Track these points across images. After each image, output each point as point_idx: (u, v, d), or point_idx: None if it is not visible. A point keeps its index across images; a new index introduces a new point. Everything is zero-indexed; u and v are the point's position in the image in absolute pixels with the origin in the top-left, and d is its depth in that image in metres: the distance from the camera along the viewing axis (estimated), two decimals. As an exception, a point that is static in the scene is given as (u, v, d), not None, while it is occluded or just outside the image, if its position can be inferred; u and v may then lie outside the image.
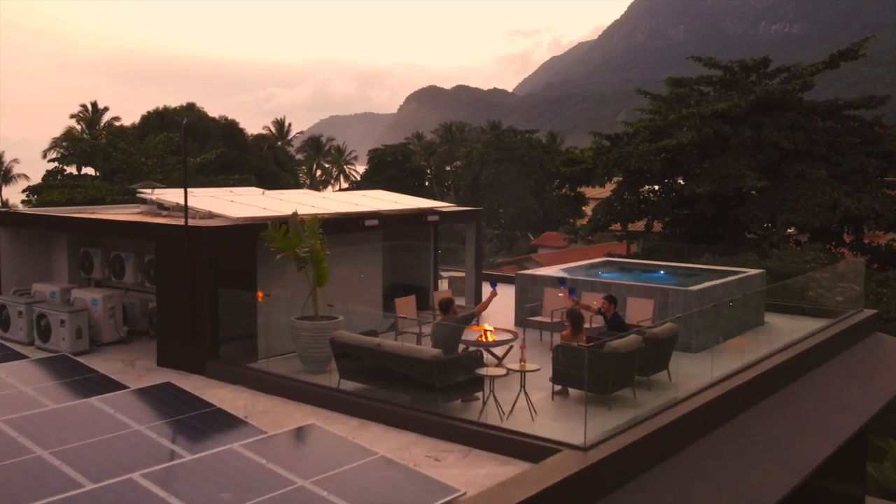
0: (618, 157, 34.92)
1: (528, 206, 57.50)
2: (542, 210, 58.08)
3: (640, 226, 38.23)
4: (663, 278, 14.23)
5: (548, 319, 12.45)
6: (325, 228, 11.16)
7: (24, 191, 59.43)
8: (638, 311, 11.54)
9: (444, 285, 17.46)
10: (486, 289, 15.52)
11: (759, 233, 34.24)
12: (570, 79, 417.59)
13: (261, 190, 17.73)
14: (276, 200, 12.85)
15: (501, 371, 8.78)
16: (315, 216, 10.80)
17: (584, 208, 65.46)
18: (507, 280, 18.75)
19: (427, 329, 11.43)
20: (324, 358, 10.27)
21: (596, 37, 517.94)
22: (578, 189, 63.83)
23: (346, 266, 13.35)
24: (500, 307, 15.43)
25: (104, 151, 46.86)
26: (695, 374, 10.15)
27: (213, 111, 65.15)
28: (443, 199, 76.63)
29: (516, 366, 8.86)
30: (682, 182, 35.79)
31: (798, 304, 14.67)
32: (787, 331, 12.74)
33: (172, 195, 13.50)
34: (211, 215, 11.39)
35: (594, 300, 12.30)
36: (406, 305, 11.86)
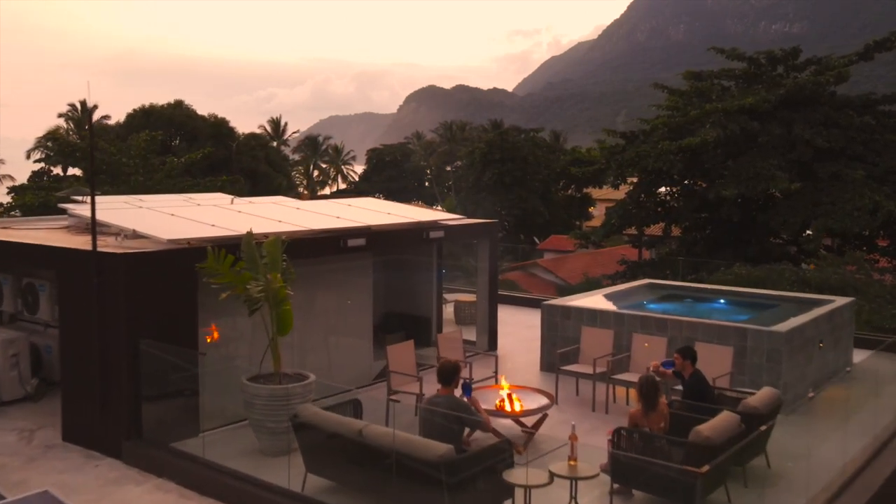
0: (634, 157, 32.09)
1: (533, 208, 54.67)
2: (548, 212, 55.26)
3: (655, 230, 35.40)
4: (729, 310, 11.31)
5: (588, 370, 9.51)
6: (295, 251, 8.28)
7: (8, 192, 56.56)
8: (711, 362, 8.60)
9: (448, 310, 14.56)
10: (507, 319, 12.66)
11: (785, 237, 31.45)
12: (570, 78, 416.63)
13: (230, 197, 14.81)
14: (234, 213, 9.91)
15: (542, 478, 5.85)
16: (278, 237, 7.87)
17: (590, 210, 62.73)
18: (520, 302, 15.91)
19: (430, 385, 8.51)
20: (286, 432, 7.38)
21: (596, 36, 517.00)
22: (584, 190, 61.12)
23: (327, 291, 10.48)
24: (520, 344, 12.54)
25: (83, 151, 44.00)
26: (803, 456, 7.22)
27: (214, 111, 62.06)
28: (443, 200, 73.85)
29: (563, 467, 5.95)
30: (703, 184, 32.98)
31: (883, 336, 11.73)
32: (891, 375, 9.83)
33: (108, 204, 10.59)
34: (136, 235, 8.45)
35: (646, 341, 9.40)
36: (401, 355, 8.90)
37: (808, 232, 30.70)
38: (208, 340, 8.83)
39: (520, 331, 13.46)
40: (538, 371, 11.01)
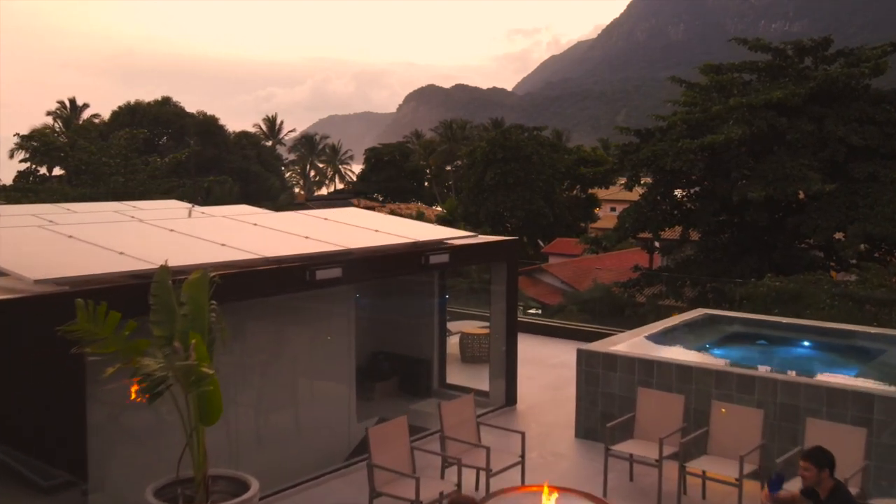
0: (650, 156, 29.61)
1: (538, 210, 52.20)
2: (552, 214, 52.78)
3: (670, 234, 32.94)
4: (820, 357, 8.69)
5: (650, 451, 6.87)
6: (239, 289, 5.69)
7: (-8, 193, 54.08)
8: (834, 453, 5.96)
9: (452, 342, 11.95)
10: (524, 353, 10.07)
11: (811, 242, 29.01)
12: (569, 77, 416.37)
13: (186, 205, 12.21)
14: (163, 233, 7.28)
15: None
16: (204, 274, 5.25)
17: (595, 211, 60.37)
18: (538, 330, 13.33)
19: (431, 484, 5.91)
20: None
21: (595, 35, 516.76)
22: (589, 191, 58.62)
23: (292, 330, 7.95)
24: (545, 393, 9.93)
25: (61, 150, 41.50)
26: None
27: (214, 111, 59.44)
28: (443, 201, 71.35)
29: None
30: (725, 185, 30.48)
31: None
32: None
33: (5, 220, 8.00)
34: (-5, 273, 5.81)
35: (723, 407, 6.81)
36: (390, 440, 6.24)
37: (838, 236, 28.37)
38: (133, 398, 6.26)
39: (542, 371, 10.84)
40: (572, 438, 8.39)
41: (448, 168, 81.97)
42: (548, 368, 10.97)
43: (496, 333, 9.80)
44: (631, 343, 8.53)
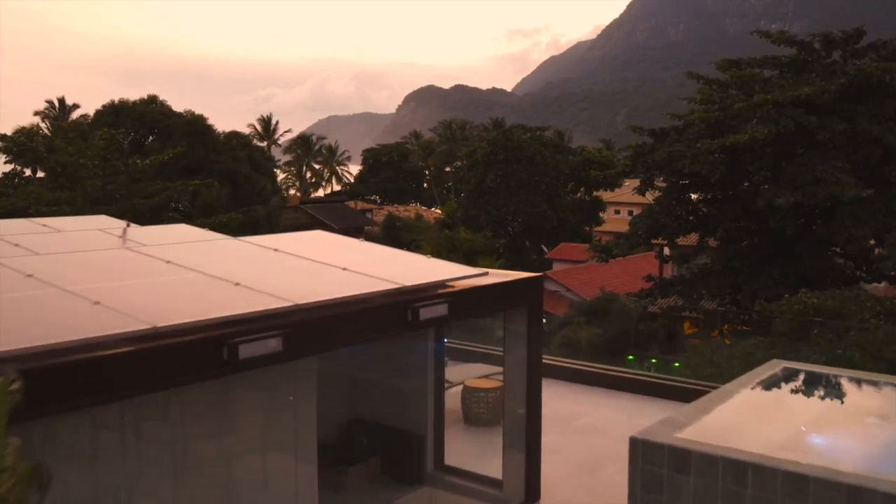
0: (666, 158, 27.38)
1: (541, 213, 49.91)
2: (556, 217, 50.45)
3: (685, 241, 30.74)
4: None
5: None
6: (79, 394, 3.31)
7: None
8: None
9: (452, 394, 9.55)
10: (548, 416, 7.62)
11: (838, 251, 26.85)
12: (569, 78, 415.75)
13: (122, 224, 9.81)
14: (18, 280, 4.83)
15: None
16: (4, 381, 2.84)
17: (600, 214, 58.17)
18: (556, 373, 10.97)
19: None
20: None
21: (595, 36, 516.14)
22: (594, 193, 56.37)
23: (227, 412, 5.54)
24: (573, 477, 7.52)
25: (34, 151, 39.17)
26: None
27: (213, 112, 56.77)
28: (443, 203, 68.97)
29: None
30: (747, 189, 28.29)
31: None
32: None
33: None
34: None
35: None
36: None
37: (872, 244, 26.15)
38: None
39: (567, 440, 8.36)
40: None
41: (448, 169, 79.85)
42: (575, 435, 8.49)
43: (512, 392, 7.33)
44: (701, 426, 6.05)
